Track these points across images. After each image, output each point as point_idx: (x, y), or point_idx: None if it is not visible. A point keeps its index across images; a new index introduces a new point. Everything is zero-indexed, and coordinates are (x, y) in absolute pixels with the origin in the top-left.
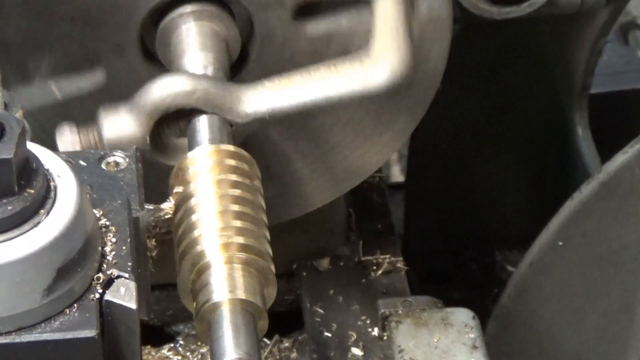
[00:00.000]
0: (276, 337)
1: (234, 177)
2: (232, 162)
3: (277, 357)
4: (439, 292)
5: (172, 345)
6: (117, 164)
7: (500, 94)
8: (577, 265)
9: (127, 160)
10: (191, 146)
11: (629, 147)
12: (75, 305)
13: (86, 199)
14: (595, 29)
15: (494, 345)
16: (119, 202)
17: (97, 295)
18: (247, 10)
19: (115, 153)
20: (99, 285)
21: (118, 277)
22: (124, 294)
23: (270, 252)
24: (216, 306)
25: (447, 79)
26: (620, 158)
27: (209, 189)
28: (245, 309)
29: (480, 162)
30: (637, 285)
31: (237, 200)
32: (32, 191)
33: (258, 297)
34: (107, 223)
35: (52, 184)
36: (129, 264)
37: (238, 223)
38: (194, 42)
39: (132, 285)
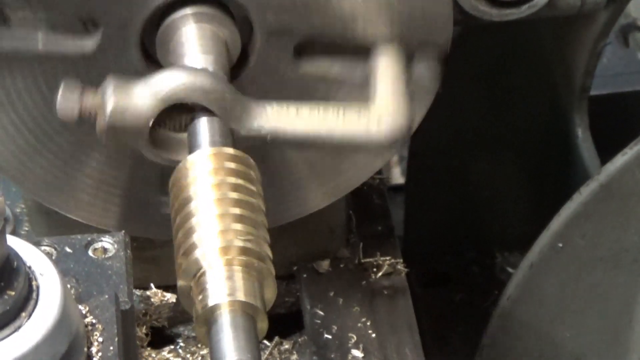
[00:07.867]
0: (276, 339)
1: (233, 180)
2: (232, 165)
3: (277, 359)
4: (439, 294)
5: (172, 347)
6: (104, 250)
7: (500, 95)
8: (577, 267)
9: (116, 246)
10: (192, 148)
11: (628, 148)
12: None
13: (71, 298)
14: (595, 30)
15: (494, 346)
16: (106, 296)
17: None
18: (247, 12)
19: (102, 238)
20: None
21: None
22: None
23: (270, 254)
24: (216, 308)
25: (447, 81)
26: (620, 159)
27: (209, 192)
28: (245, 311)
29: (480, 164)
30: (637, 288)
31: (236, 203)
32: (13, 293)
33: (258, 299)
34: (94, 321)
35: (34, 283)
36: None
37: (238, 226)
38: (194, 44)
39: None
